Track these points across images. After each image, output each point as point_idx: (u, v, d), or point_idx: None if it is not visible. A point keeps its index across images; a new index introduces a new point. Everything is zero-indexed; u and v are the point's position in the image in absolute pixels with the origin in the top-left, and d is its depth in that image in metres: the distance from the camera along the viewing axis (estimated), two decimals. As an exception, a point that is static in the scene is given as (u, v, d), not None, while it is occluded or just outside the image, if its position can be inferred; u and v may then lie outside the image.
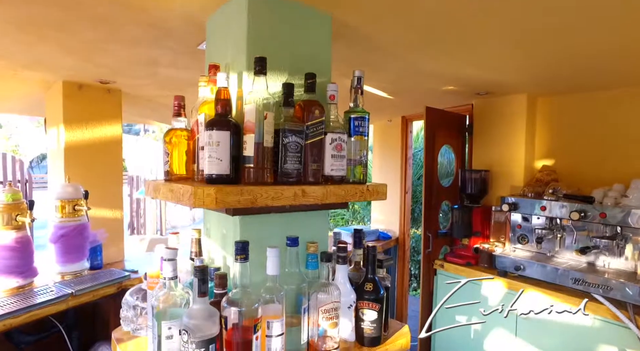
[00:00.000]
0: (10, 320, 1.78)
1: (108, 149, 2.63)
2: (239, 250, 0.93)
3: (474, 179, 2.61)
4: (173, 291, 0.93)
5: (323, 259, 1.09)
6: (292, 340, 1.06)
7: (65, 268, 2.24)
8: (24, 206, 2.04)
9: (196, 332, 0.85)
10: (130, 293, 1.28)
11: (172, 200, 1.02)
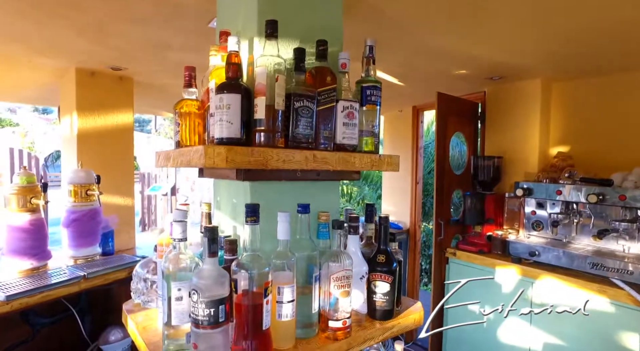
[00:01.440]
0: (25, 299, 1.81)
1: (120, 137, 2.65)
2: (249, 212, 0.92)
3: (486, 166, 2.56)
4: (183, 253, 0.93)
5: (335, 226, 1.07)
6: (303, 310, 1.05)
7: (77, 252, 2.26)
8: (38, 189, 2.07)
9: (205, 292, 0.83)
10: (140, 265, 1.28)
11: (183, 164, 1.01)
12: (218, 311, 0.84)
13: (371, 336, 1.10)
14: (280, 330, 0.97)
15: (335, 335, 1.04)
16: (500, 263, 2.28)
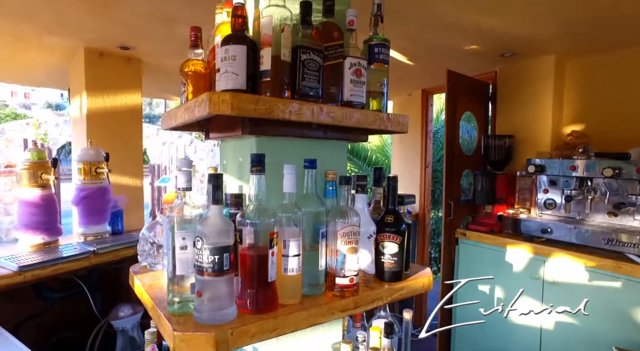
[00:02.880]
0: (37, 271, 1.83)
1: (128, 118, 2.67)
2: (254, 161, 0.91)
3: (497, 146, 2.52)
4: (188, 203, 0.92)
5: (342, 182, 1.05)
6: (309, 268, 1.03)
7: (87, 229, 2.28)
8: (48, 165, 2.09)
9: (210, 238, 0.82)
10: (146, 228, 1.28)
11: (188, 117, 1.00)
12: (222, 259, 0.83)
13: (379, 296, 1.09)
14: (286, 285, 0.96)
15: (342, 292, 1.02)
16: (511, 241, 2.24)
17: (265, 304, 0.90)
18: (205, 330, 0.82)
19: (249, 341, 0.85)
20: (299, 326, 0.92)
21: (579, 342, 1.95)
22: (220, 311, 0.85)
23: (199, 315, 0.85)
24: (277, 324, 0.89)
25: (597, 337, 1.86)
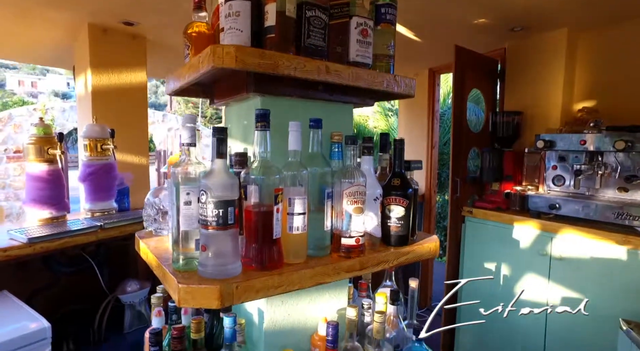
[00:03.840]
0: (46, 244, 1.85)
1: (133, 96, 2.66)
2: (259, 117, 0.89)
3: (505, 123, 2.48)
4: (192, 159, 0.91)
5: (348, 142, 1.04)
6: (315, 230, 1.02)
7: (94, 205, 2.29)
8: (54, 140, 2.09)
9: (214, 191, 0.82)
10: (151, 193, 1.28)
11: (193, 75, 0.99)
12: (227, 213, 0.83)
13: (385, 259, 1.08)
14: (291, 244, 0.96)
15: (348, 253, 1.02)
16: (518, 218, 2.22)
17: (270, 261, 0.90)
18: (210, 283, 0.81)
19: (254, 296, 0.85)
20: (304, 284, 0.92)
21: (586, 317, 1.94)
22: (225, 266, 0.85)
23: (204, 270, 0.85)
24: (282, 281, 0.88)
25: (604, 311, 1.85)
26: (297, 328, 1.16)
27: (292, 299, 1.14)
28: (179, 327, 0.99)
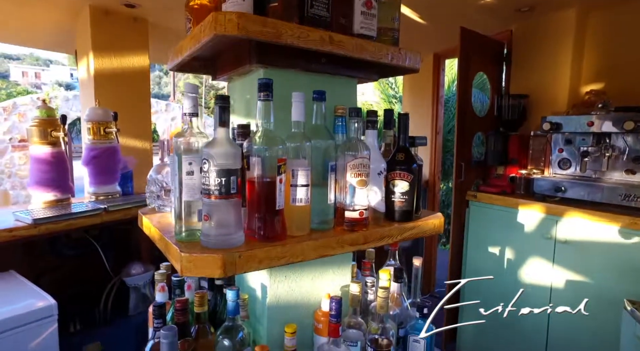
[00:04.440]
0: (51, 225, 1.86)
1: (136, 80, 2.65)
2: (262, 86, 0.88)
3: (511, 106, 2.44)
4: (194, 129, 0.90)
5: (352, 114, 1.02)
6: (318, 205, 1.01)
7: (98, 189, 2.30)
8: (57, 123, 2.09)
9: (216, 159, 0.81)
10: (153, 169, 1.28)
11: (195, 44, 0.97)
12: (229, 182, 0.82)
13: (389, 233, 1.07)
14: (295, 216, 0.95)
15: (351, 226, 1.01)
16: (523, 202, 2.20)
17: (273, 232, 0.89)
18: (212, 252, 0.81)
19: (257, 266, 0.84)
20: (307, 256, 0.92)
21: (590, 298, 1.93)
22: (228, 236, 0.84)
23: (206, 240, 0.84)
24: (286, 252, 0.88)
25: (608, 293, 1.84)
26: (301, 304, 1.16)
27: (295, 274, 1.14)
28: (182, 300, 1.00)
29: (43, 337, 1.44)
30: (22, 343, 1.38)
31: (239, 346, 1.04)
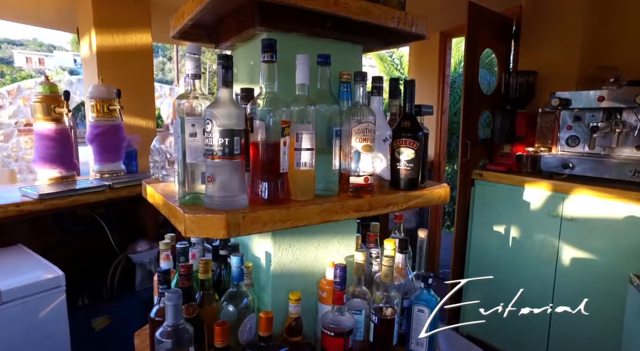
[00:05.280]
0: (56, 201, 1.87)
1: (139, 58, 2.62)
2: (265, 47, 0.86)
3: (518, 83, 2.40)
4: (197, 91, 0.89)
5: (357, 79, 1.00)
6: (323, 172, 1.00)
7: (102, 166, 2.30)
8: (60, 99, 2.08)
9: (220, 119, 0.80)
10: (156, 139, 1.27)
11: (197, 5, 0.95)
12: (233, 142, 0.81)
13: (395, 201, 1.06)
14: (299, 180, 0.94)
15: (356, 192, 1.00)
16: (529, 180, 2.18)
17: (277, 195, 0.89)
18: (216, 213, 0.80)
19: (261, 228, 0.84)
20: (311, 220, 0.91)
21: (595, 276, 1.93)
22: (231, 197, 0.83)
23: (210, 201, 0.84)
24: (290, 215, 0.87)
25: (614, 269, 1.83)
26: (305, 273, 1.16)
27: (299, 243, 1.13)
28: (186, 265, 1.00)
29: (52, 307, 1.46)
30: (32, 312, 1.40)
31: (243, 312, 1.04)
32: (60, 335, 1.52)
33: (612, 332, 1.80)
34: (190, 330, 0.89)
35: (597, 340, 1.92)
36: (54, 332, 1.49)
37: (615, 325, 1.74)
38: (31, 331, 1.41)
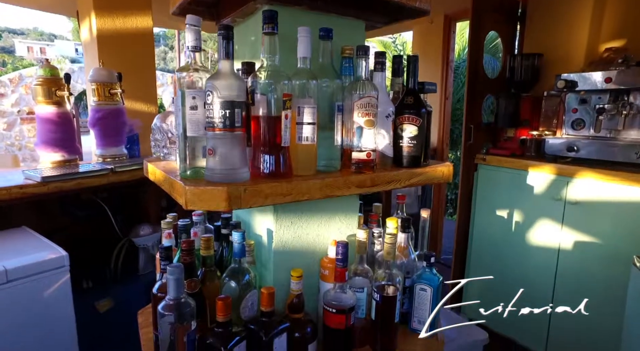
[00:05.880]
0: (60, 184, 1.88)
1: (139, 42, 2.60)
2: (266, 19, 0.85)
3: (524, 66, 2.36)
4: (197, 63, 0.87)
5: (360, 53, 0.98)
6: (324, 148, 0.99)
7: (104, 151, 2.30)
8: (61, 82, 2.07)
9: (221, 91, 0.78)
10: (158, 117, 1.26)
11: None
12: (234, 114, 0.80)
13: (397, 177, 1.05)
14: (301, 155, 0.93)
15: (358, 168, 0.99)
16: (533, 163, 2.16)
17: (278, 169, 0.88)
18: (217, 186, 0.80)
19: (262, 201, 0.84)
20: (313, 194, 0.90)
21: (598, 259, 1.92)
22: (233, 170, 0.83)
23: (211, 174, 0.83)
24: (292, 189, 0.87)
25: (618, 252, 1.83)
26: (307, 251, 1.16)
27: (301, 221, 1.13)
28: (188, 240, 1.00)
29: (57, 286, 1.47)
30: (36, 291, 1.42)
31: (245, 289, 1.04)
32: (66, 315, 1.54)
33: (614, 314, 1.80)
34: (192, 304, 0.89)
35: (599, 321, 1.92)
36: (59, 312, 1.51)
37: (617, 307, 1.74)
38: (36, 310, 1.43)
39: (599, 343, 1.94)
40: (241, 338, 0.95)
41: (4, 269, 1.33)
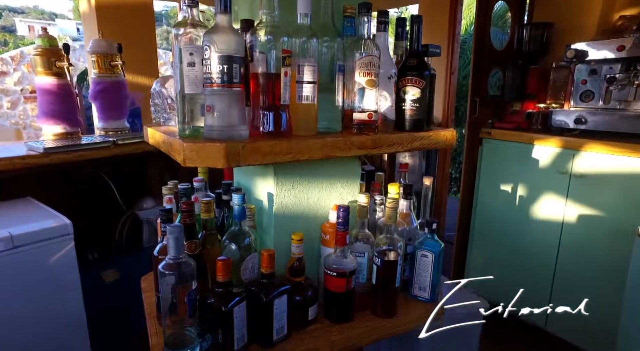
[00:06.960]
0: (62, 155, 1.87)
1: (139, 15, 2.55)
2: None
3: (533, 37, 2.29)
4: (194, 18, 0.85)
5: (362, 10, 0.95)
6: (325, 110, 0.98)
7: (106, 124, 2.29)
8: (61, 53, 2.04)
9: (218, 45, 0.76)
10: (157, 82, 1.25)
11: None
12: (232, 69, 0.78)
13: (399, 140, 1.03)
14: (301, 115, 0.92)
15: (360, 129, 0.98)
16: (539, 137, 2.12)
17: (278, 127, 0.87)
18: (216, 142, 0.79)
19: (261, 159, 0.83)
20: (313, 154, 0.89)
21: (602, 232, 1.91)
22: (231, 127, 0.82)
23: (209, 131, 0.82)
24: (291, 148, 0.86)
25: (622, 224, 1.81)
26: (308, 216, 1.16)
27: (302, 185, 1.12)
28: (188, 202, 1.00)
29: (62, 254, 1.49)
30: (42, 257, 1.44)
31: (245, 251, 1.05)
32: (72, 284, 1.56)
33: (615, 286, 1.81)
34: (193, 264, 0.90)
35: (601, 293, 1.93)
36: (65, 279, 1.53)
37: (619, 277, 1.74)
38: (43, 276, 1.45)
39: (599, 315, 1.95)
40: (242, 298, 0.95)
41: (10, 236, 1.34)
